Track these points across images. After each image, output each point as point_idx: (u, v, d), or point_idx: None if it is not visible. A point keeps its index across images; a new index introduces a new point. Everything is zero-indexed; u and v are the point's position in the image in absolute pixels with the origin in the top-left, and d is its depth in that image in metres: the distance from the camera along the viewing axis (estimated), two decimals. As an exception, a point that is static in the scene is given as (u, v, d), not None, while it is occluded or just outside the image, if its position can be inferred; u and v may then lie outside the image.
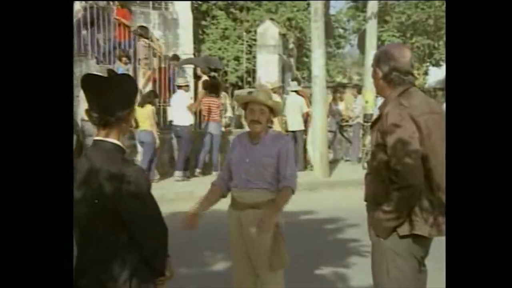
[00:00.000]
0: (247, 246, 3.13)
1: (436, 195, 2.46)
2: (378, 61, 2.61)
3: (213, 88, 10.08)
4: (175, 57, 11.66)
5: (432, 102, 2.65)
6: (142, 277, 2.04)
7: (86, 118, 2.28)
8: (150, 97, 9.60)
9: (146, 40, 10.68)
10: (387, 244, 2.52)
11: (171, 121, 10.08)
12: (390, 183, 2.45)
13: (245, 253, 3.15)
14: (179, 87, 9.77)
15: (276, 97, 9.87)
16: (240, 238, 3.16)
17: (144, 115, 9.16)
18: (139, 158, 9.41)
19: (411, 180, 2.39)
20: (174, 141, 10.03)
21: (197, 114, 10.33)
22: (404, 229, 2.47)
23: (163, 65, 10.93)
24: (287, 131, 10.04)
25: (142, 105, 9.32)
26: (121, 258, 2.01)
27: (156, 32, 11.58)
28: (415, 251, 2.52)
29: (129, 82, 2.15)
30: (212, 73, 11.98)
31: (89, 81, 2.06)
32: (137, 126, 9.46)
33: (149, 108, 9.28)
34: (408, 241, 2.49)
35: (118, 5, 10.85)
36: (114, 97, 2.04)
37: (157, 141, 9.23)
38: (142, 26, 11.06)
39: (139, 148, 9.62)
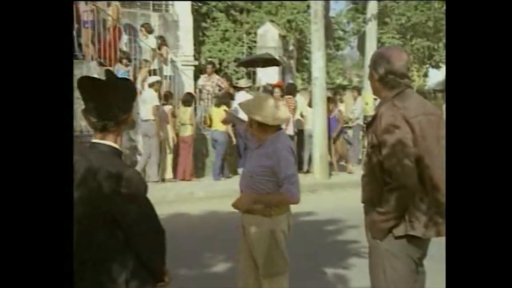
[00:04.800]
0: (249, 248, 3.15)
1: (431, 196, 2.46)
2: (374, 63, 2.61)
3: (288, 89, 10.32)
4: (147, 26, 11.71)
5: (428, 103, 2.65)
6: (141, 279, 2.03)
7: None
8: (226, 99, 9.96)
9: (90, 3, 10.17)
10: (383, 246, 2.52)
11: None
12: (384, 184, 2.46)
13: (249, 254, 3.16)
14: (241, 88, 9.89)
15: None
16: (244, 239, 3.17)
17: (219, 116, 9.39)
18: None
19: (404, 181, 2.39)
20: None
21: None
22: (399, 230, 2.47)
23: (117, 25, 10.89)
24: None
25: (218, 105, 9.65)
26: (120, 260, 2.00)
27: None
28: (411, 252, 2.52)
29: (128, 86, 2.15)
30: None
31: (87, 83, 2.04)
32: (210, 125, 9.84)
33: (223, 109, 9.50)
34: (404, 242, 2.48)
35: None
36: (114, 102, 2.03)
37: (234, 140, 9.67)
38: None
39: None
